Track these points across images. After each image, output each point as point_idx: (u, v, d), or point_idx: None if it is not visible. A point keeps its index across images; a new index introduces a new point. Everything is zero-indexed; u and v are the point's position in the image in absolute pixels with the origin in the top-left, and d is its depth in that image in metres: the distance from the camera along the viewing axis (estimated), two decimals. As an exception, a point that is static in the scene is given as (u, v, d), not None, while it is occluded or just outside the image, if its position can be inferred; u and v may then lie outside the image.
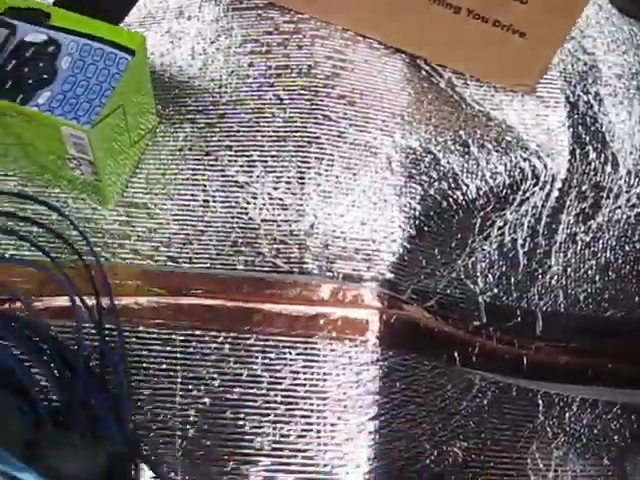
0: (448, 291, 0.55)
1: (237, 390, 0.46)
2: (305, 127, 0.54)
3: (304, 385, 0.47)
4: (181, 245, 0.50)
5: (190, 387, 0.46)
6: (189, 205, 0.52)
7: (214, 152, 0.53)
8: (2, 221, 0.50)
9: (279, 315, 0.48)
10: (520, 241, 0.58)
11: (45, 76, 0.45)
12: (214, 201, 0.51)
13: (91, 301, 0.46)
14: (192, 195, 0.52)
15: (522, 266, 0.58)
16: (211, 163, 0.53)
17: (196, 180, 0.52)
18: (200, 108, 0.55)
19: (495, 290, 0.57)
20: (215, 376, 0.47)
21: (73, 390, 0.42)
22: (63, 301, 0.47)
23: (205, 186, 0.52)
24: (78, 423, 0.41)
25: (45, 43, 0.46)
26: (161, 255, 0.50)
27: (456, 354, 0.53)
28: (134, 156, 0.52)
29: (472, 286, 0.56)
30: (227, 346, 0.47)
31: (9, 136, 0.47)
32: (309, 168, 0.53)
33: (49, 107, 0.44)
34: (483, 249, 0.57)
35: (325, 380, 0.47)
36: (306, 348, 0.48)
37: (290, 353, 0.48)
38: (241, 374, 0.47)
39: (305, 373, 0.47)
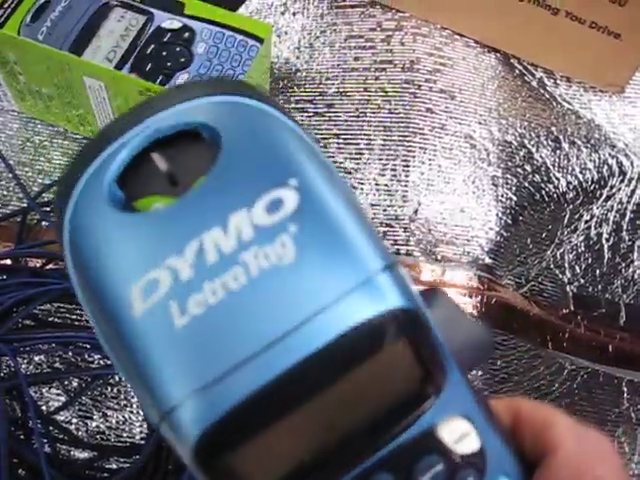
0: (539, 279, 0.57)
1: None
2: (409, 118, 0.57)
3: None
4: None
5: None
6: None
7: (323, 140, 0.56)
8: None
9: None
10: (605, 235, 0.60)
11: (182, 60, 0.48)
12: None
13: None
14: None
15: (606, 259, 0.60)
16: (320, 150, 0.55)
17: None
18: (309, 98, 0.58)
19: (582, 281, 0.59)
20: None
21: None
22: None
23: (315, 171, 0.55)
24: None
25: (181, 30, 0.49)
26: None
27: (548, 338, 0.55)
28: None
29: (561, 276, 0.58)
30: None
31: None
32: (413, 157, 0.55)
33: (187, 89, 0.47)
34: (571, 241, 0.59)
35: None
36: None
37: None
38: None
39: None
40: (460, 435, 0.19)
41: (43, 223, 0.51)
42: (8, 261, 0.48)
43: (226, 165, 0.17)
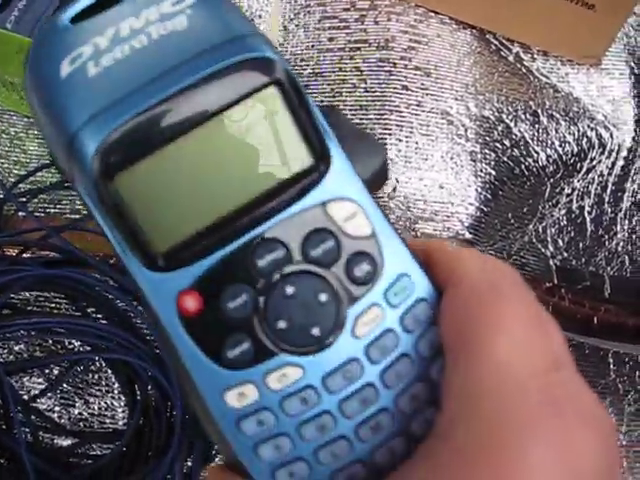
0: (521, 254, 0.57)
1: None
2: (385, 97, 0.57)
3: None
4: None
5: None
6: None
7: (299, 120, 0.56)
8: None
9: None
10: (587, 208, 0.60)
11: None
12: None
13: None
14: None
15: (589, 232, 0.60)
16: None
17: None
18: (284, 80, 0.57)
19: (565, 254, 0.59)
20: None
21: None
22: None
23: (292, 152, 0.55)
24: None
25: None
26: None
27: (532, 312, 0.55)
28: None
29: (543, 250, 0.58)
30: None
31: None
32: (390, 135, 0.55)
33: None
34: (552, 215, 0.59)
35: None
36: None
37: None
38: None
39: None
40: (348, 215, 0.21)
41: (20, 213, 0.50)
42: (-15, 252, 0.48)
43: None
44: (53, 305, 0.49)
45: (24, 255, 0.47)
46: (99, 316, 0.47)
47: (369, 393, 0.21)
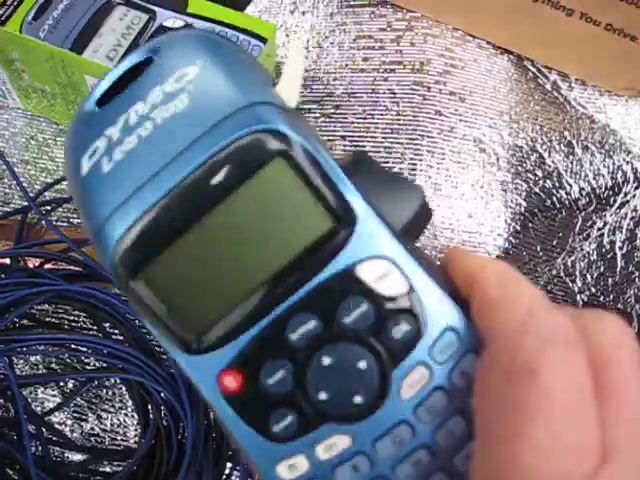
0: (548, 288, 0.56)
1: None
2: (417, 121, 0.56)
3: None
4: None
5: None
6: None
7: (329, 141, 0.55)
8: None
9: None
10: (619, 243, 0.59)
11: (184, 59, 0.47)
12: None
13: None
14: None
15: (619, 268, 0.59)
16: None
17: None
18: (316, 99, 0.57)
19: (593, 290, 0.58)
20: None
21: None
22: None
23: (320, 173, 0.54)
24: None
25: (183, 28, 0.48)
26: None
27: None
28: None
29: (571, 284, 0.57)
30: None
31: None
32: (421, 161, 0.54)
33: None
34: (582, 249, 0.58)
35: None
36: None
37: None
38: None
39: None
40: (381, 274, 0.20)
41: (43, 222, 0.50)
42: (7, 260, 0.48)
43: (155, 65, 0.22)
44: (71, 318, 0.48)
45: (46, 266, 0.47)
46: (115, 331, 0.47)
47: (421, 454, 0.20)
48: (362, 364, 0.20)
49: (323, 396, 0.20)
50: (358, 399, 0.20)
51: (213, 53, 0.22)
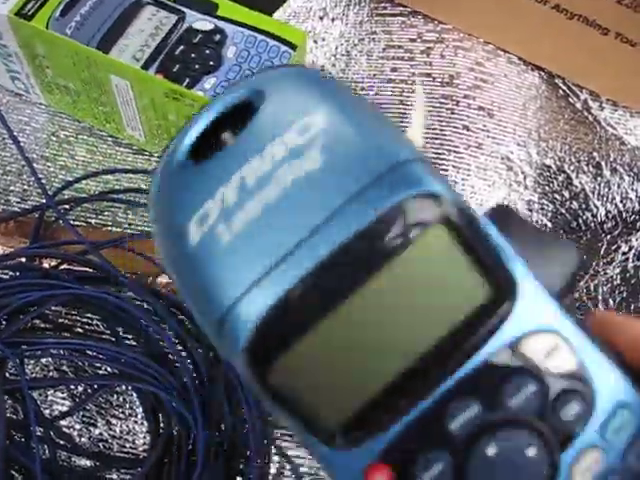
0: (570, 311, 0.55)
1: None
2: (444, 135, 0.55)
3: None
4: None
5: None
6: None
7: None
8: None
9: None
10: (643, 268, 0.57)
11: (211, 63, 0.47)
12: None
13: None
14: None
15: (643, 294, 0.57)
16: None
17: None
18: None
19: (615, 315, 0.56)
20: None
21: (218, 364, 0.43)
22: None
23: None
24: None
25: (212, 31, 0.48)
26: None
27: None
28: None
29: (593, 309, 0.56)
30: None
31: (158, 112, 0.49)
32: (446, 176, 0.53)
33: (214, 92, 0.46)
34: (606, 273, 0.56)
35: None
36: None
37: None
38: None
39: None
40: (548, 349, 0.18)
41: (60, 221, 0.49)
42: (22, 259, 0.47)
43: (265, 112, 0.19)
44: (85, 320, 0.47)
45: (61, 267, 0.46)
46: (129, 337, 0.46)
47: None
48: (530, 451, 0.18)
49: None
50: None
51: (334, 97, 0.20)
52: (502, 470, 0.17)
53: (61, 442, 0.46)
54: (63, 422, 0.46)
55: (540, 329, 0.18)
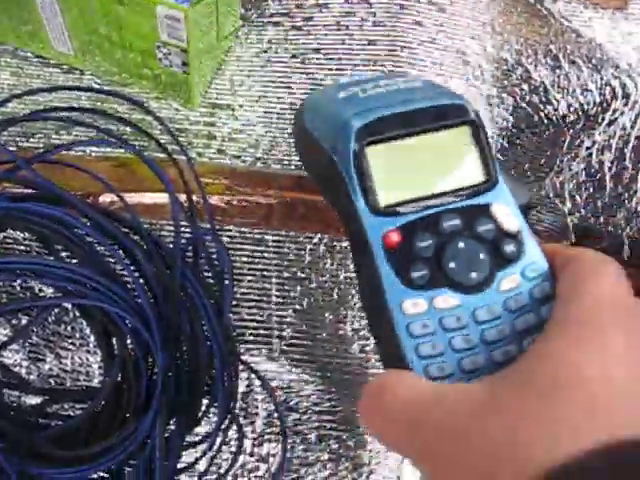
0: (538, 209, 0.53)
1: (335, 291, 0.44)
2: (395, 32, 0.51)
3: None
4: (269, 147, 0.48)
5: (286, 288, 0.44)
6: (275, 107, 0.49)
7: (301, 55, 0.50)
8: (83, 117, 0.47)
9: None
10: (607, 163, 0.55)
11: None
12: (302, 104, 0.49)
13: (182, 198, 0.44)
14: (278, 98, 0.49)
15: (609, 189, 0.56)
16: (297, 66, 0.50)
17: (282, 82, 0.50)
18: (284, 11, 0.52)
19: (583, 212, 0.55)
20: (312, 277, 0.44)
21: (172, 281, 0.40)
22: (149, 198, 0.45)
23: (291, 88, 0.49)
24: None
25: None
26: (249, 156, 0.47)
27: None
28: (218, 57, 0.49)
29: (561, 206, 0.54)
30: (322, 247, 0.45)
31: (88, 26, 0.45)
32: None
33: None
34: (571, 169, 0.54)
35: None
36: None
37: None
38: (338, 275, 0.44)
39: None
40: (505, 214, 0.29)
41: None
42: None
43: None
44: (22, 248, 0.43)
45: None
46: (74, 261, 0.42)
47: (503, 326, 0.28)
48: (482, 256, 0.28)
49: (452, 265, 0.28)
50: (473, 275, 0.28)
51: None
52: (464, 258, 0.28)
53: (7, 380, 0.42)
54: (8, 360, 0.42)
55: (504, 203, 0.29)
